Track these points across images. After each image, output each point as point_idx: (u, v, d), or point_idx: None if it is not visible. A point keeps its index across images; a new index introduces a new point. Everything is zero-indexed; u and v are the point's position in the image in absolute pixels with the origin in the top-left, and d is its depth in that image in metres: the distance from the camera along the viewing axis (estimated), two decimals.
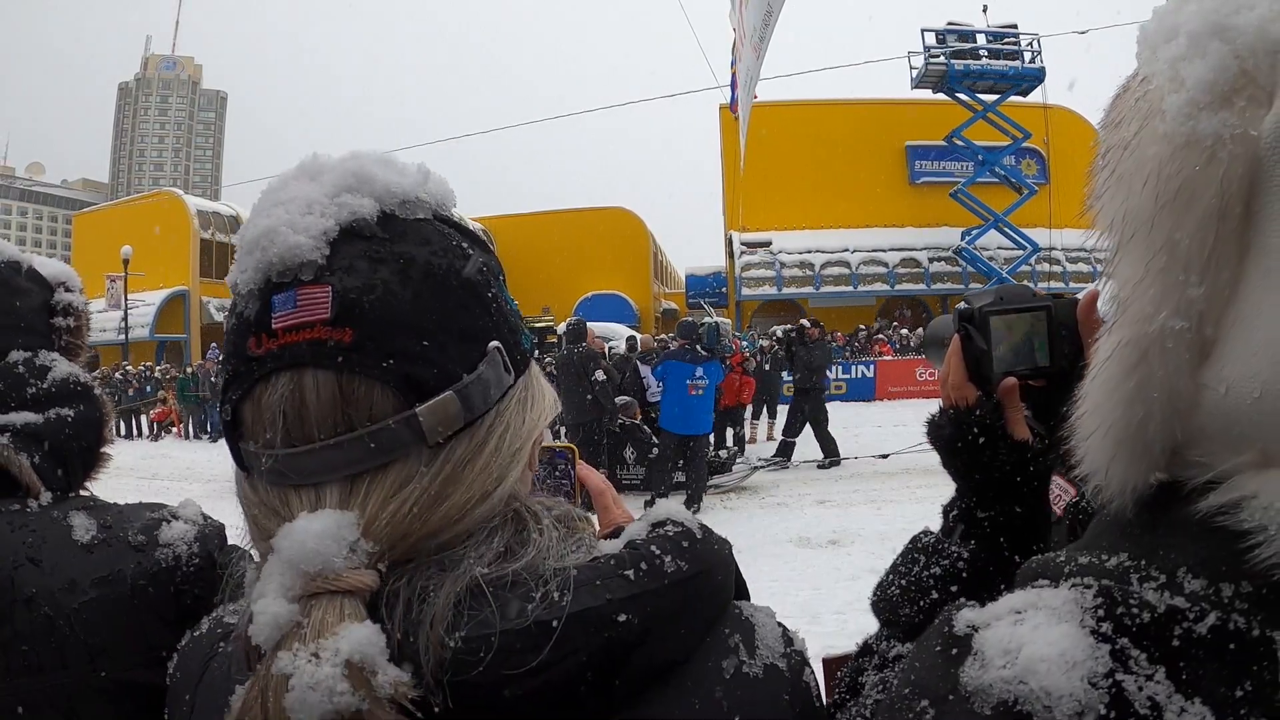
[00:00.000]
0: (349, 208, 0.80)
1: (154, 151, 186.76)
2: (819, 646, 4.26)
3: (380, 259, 0.79)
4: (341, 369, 0.75)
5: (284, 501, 0.78)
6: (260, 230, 0.80)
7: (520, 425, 0.85)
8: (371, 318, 0.76)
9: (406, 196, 0.84)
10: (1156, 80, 0.62)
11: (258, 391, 0.78)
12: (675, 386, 11.61)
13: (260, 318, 0.78)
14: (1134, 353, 0.62)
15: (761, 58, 9.50)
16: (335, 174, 0.83)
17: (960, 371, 1.15)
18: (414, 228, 0.83)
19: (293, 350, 0.76)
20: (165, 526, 1.22)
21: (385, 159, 0.88)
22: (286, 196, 0.82)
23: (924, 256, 35.42)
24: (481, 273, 0.85)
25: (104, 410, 1.38)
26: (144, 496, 6.31)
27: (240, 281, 0.80)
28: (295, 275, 0.77)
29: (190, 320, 43.19)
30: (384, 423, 0.76)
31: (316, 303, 0.76)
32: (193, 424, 25.49)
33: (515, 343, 0.87)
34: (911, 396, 25.06)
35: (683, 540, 0.82)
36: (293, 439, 0.76)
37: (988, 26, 34.11)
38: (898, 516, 10.45)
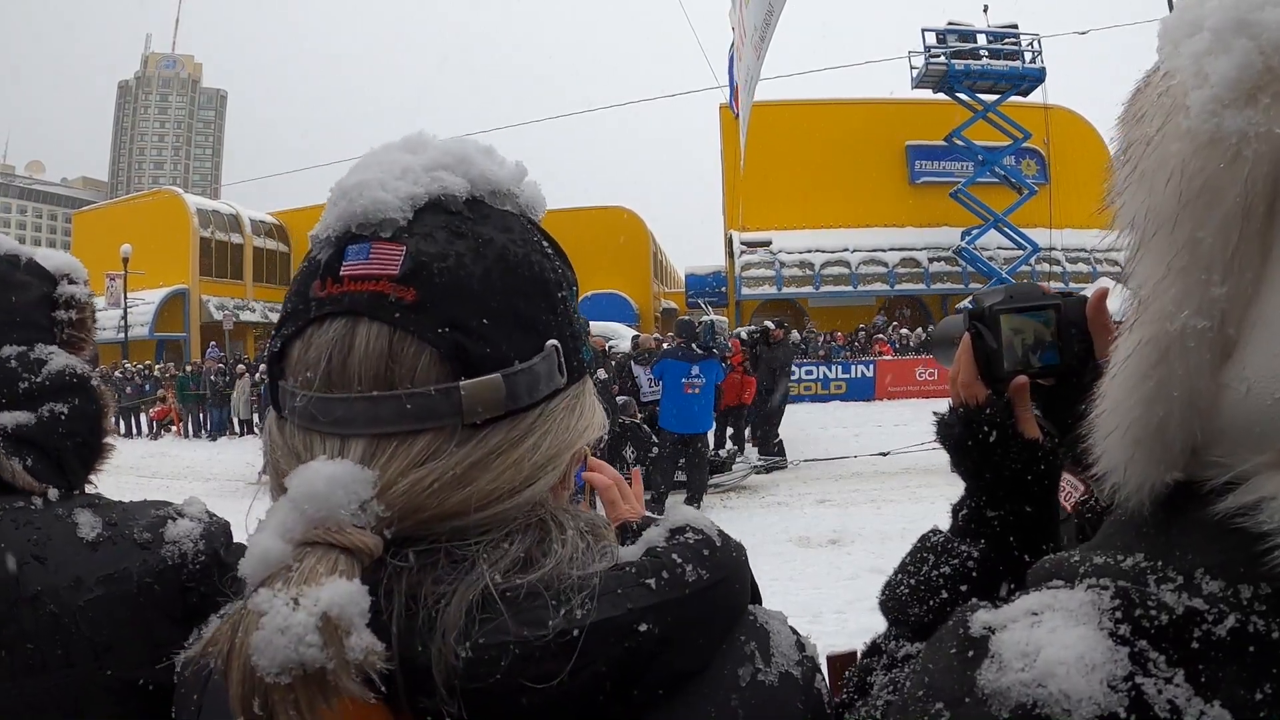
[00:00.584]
0: (441, 182, 0.82)
1: (154, 150, 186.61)
2: (820, 646, 4.26)
3: (460, 233, 0.80)
4: (396, 325, 0.75)
5: (307, 446, 0.78)
6: (352, 182, 0.82)
7: (564, 432, 0.83)
8: (438, 283, 0.77)
9: (499, 187, 0.86)
10: (1179, 76, 0.61)
11: (310, 331, 0.79)
12: (672, 385, 11.63)
13: (331, 263, 0.79)
14: (1154, 352, 0.62)
15: (762, 57, 9.49)
16: (436, 150, 0.85)
17: (970, 370, 1.15)
18: (499, 216, 0.85)
19: (354, 298, 0.77)
20: (171, 524, 1.21)
21: (488, 148, 0.89)
22: (386, 159, 0.84)
23: (924, 256, 35.41)
24: (556, 272, 0.86)
25: (101, 402, 1.36)
26: (144, 495, 6.33)
27: (321, 228, 0.84)
28: (375, 230, 0.79)
29: (190, 319, 43.19)
30: (425, 388, 0.75)
31: (389, 258, 0.77)
32: (192, 423, 25.44)
33: (575, 349, 0.86)
34: (911, 396, 25.05)
35: (703, 548, 0.81)
36: (332, 383, 0.77)
37: (988, 26, 34.10)
38: (898, 516, 10.49)
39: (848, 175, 36.52)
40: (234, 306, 43.57)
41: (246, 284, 46.54)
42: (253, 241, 47.38)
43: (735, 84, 17.81)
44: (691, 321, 13.30)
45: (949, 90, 33.71)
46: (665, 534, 0.84)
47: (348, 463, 0.74)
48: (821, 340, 28.37)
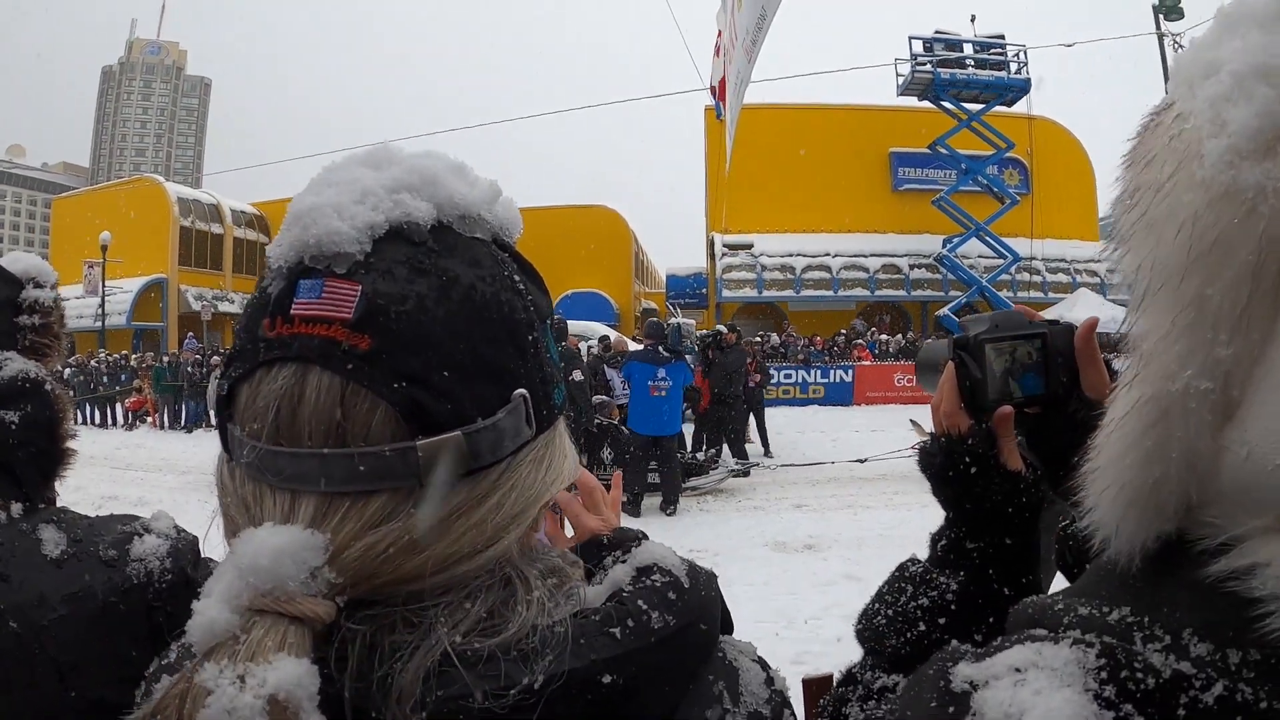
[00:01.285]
0: (404, 207, 0.76)
1: (136, 137, 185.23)
2: (794, 652, 4.30)
3: (422, 269, 0.74)
4: (349, 376, 0.70)
5: (257, 499, 0.72)
6: (306, 206, 0.75)
7: (529, 486, 0.77)
8: (395, 330, 0.71)
9: (468, 211, 0.80)
10: (1194, 120, 0.58)
11: (258, 376, 0.73)
12: (638, 387, 11.63)
13: (281, 299, 0.73)
14: (1154, 411, 0.60)
15: (753, 61, 9.49)
16: (400, 168, 0.79)
17: (953, 399, 1.13)
18: (467, 246, 0.78)
19: (304, 342, 0.71)
20: (137, 541, 1.19)
21: (459, 166, 0.84)
22: (343, 178, 0.78)
23: (905, 263, 35.58)
24: (528, 311, 0.80)
25: (56, 407, 1.32)
26: (118, 487, 6.33)
27: (274, 255, 0.77)
28: (329, 264, 0.73)
29: (168, 308, 42.93)
30: (378, 447, 0.69)
31: (342, 299, 0.71)
32: (168, 414, 25.24)
33: (546, 395, 0.80)
34: (889, 402, 25.20)
35: (669, 592, 0.78)
36: (280, 436, 0.71)
37: (975, 36, 34.26)
38: (874, 522, 10.54)
39: (831, 180, 36.64)
40: (212, 297, 43.34)
41: (226, 274, 46.28)
42: (233, 232, 47.15)
43: (714, 84, 17.82)
44: (661, 323, 13.31)
45: (934, 98, 33.85)
46: (631, 574, 0.81)
47: (295, 530, 0.69)
48: (801, 344, 28.43)
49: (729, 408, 15.30)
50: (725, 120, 15.91)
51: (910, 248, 35.69)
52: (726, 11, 12.14)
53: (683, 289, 42.95)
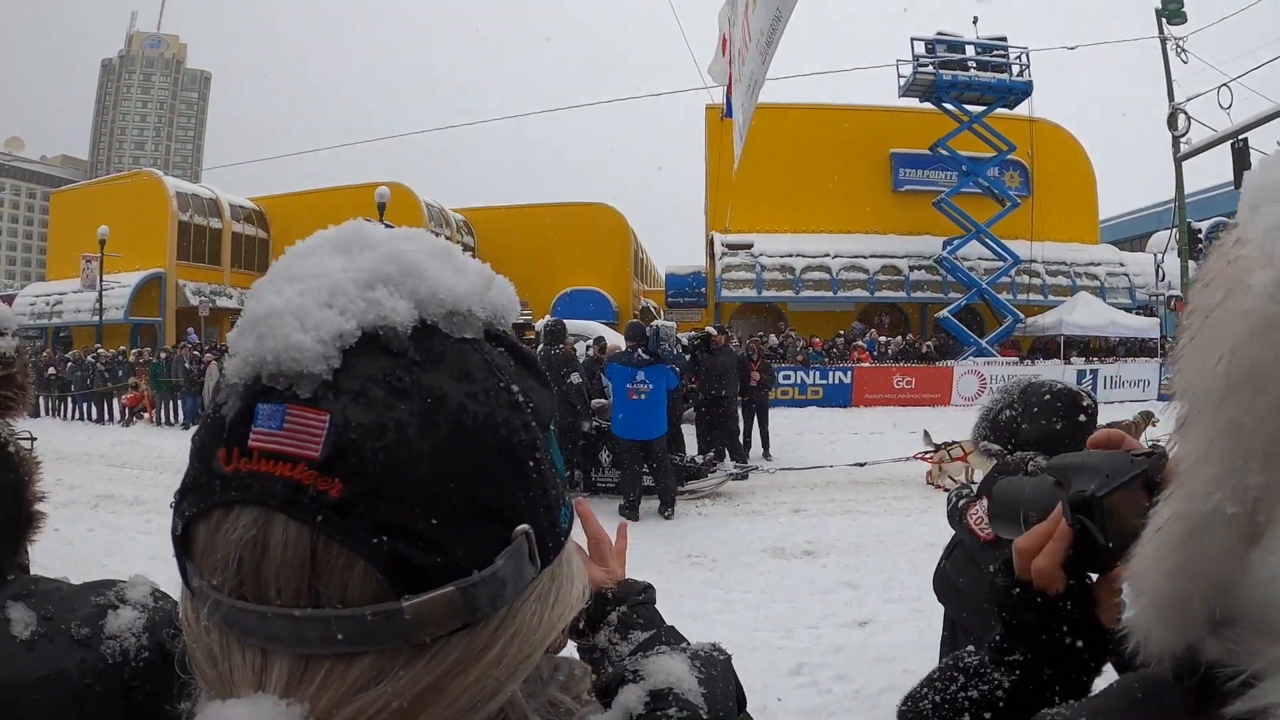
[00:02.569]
0: (379, 308, 0.65)
1: (135, 130, 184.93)
2: (794, 663, 4.25)
3: (402, 390, 0.62)
4: (319, 529, 0.59)
5: (225, 652, 0.63)
6: (262, 311, 0.64)
7: (535, 629, 0.67)
8: (371, 472, 0.60)
9: (457, 307, 0.68)
10: (1249, 247, 0.59)
11: (215, 518, 0.62)
12: (618, 391, 11.59)
13: (237, 425, 0.62)
14: (1184, 529, 0.62)
15: (767, 62, 9.43)
16: (375, 256, 0.68)
17: (1055, 559, 1.02)
18: (455, 352, 0.67)
19: (265, 484, 0.60)
20: (111, 615, 1.11)
21: (445, 249, 0.72)
22: (308, 271, 0.67)
23: (905, 264, 35.58)
24: (529, 429, 0.68)
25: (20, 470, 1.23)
26: (114, 485, 6.26)
27: (228, 366, 0.65)
28: (290, 385, 0.62)
29: (166, 303, 42.84)
30: (358, 610, 0.60)
31: (307, 432, 0.60)
32: (165, 410, 25.20)
33: (551, 524, 0.69)
34: (888, 404, 25.28)
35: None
36: (245, 590, 0.61)
37: (977, 38, 34.23)
38: (872, 528, 10.54)
39: (831, 181, 36.60)
40: (210, 292, 43.21)
41: (224, 270, 46.19)
42: (232, 227, 47.03)
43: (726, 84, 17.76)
44: (640, 325, 13.21)
45: (936, 100, 33.83)
46: (644, 700, 0.74)
47: (268, 704, 0.59)
48: (800, 345, 28.42)
49: (720, 410, 15.27)
50: (734, 120, 15.78)
51: (910, 249, 35.68)
52: (737, 10, 12.06)
53: (682, 288, 42.93)
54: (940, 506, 4.29)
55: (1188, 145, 31.08)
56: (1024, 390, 3.87)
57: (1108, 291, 35.46)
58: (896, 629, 6.88)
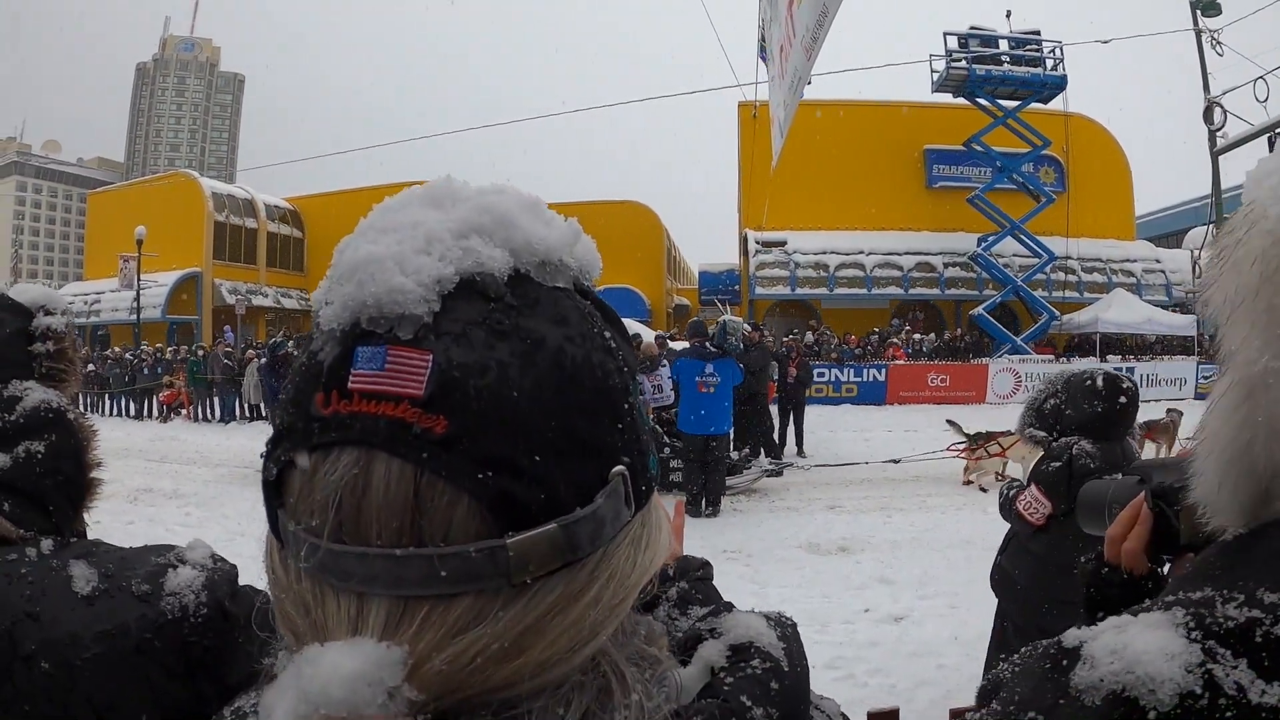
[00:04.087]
0: (476, 255, 0.65)
1: (170, 132, 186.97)
2: (829, 656, 4.25)
3: (502, 331, 0.62)
4: (424, 466, 0.59)
5: (318, 600, 0.62)
6: (360, 258, 0.64)
7: (629, 572, 0.67)
8: (476, 409, 0.59)
9: (549, 256, 0.69)
10: (1260, 198, 0.79)
11: (312, 461, 0.62)
12: (687, 385, 11.53)
13: (336, 369, 0.62)
14: (1242, 389, 0.78)
15: (813, 59, 9.37)
16: (468, 207, 0.68)
17: (1141, 543, 1.18)
18: (550, 298, 0.67)
19: (367, 424, 0.60)
20: (171, 573, 1.13)
21: (533, 203, 0.72)
22: (403, 220, 0.67)
23: (939, 261, 35.33)
24: (621, 373, 0.69)
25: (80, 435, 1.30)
26: (152, 479, 6.36)
27: (324, 314, 0.65)
28: (391, 328, 0.61)
29: (203, 302, 43.34)
30: (462, 548, 0.59)
31: (410, 372, 0.60)
32: (203, 407, 25.49)
33: (643, 467, 0.69)
34: (922, 401, 25.13)
35: (771, 681, 0.72)
36: (343, 532, 0.60)
37: (1010, 32, 33.94)
38: (907, 525, 10.51)
39: (865, 177, 36.42)
40: (246, 291, 43.66)
41: (260, 269, 46.64)
42: (267, 226, 47.47)
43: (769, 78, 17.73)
44: (702, 321, 13.23)
45: (969, 95, 33.58)
46: (726, 653, 0.75)
47: (369, 646, 0.58)
48: (834, 343, 28.32)
49: (754, 406, 15.25)
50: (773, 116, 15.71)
51: (944, 246, 35.43)
52: (779, 7, 12.02)
53: (715, 285, 42.88)
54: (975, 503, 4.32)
55: (1224, 139, 30.64)
56: (1067, 380, 4.05)
57: (1144, 288, 35.08)
58: (931, 624, 6.86)
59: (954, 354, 29.35)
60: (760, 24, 15.80)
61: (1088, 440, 3.82)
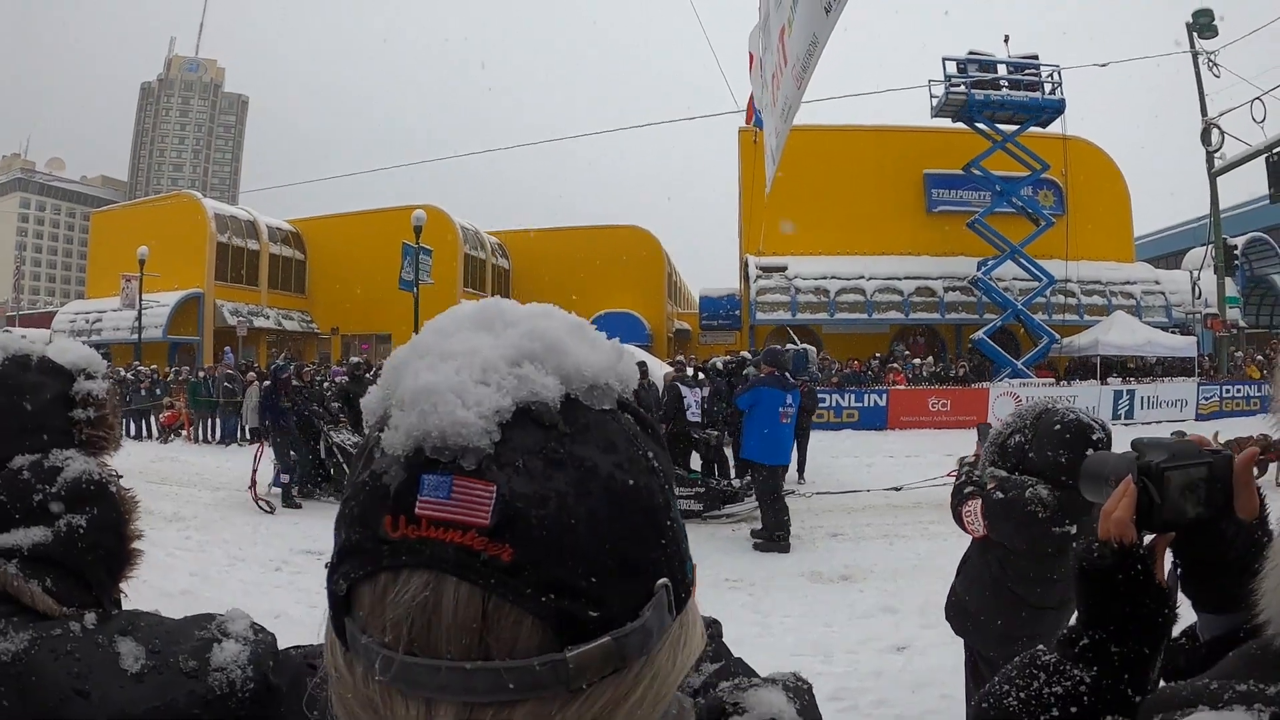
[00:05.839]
0: (530, 385, 0.68)
1: (174, 152, 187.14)
2: (832, 687, 4.25)
3: (558, 460, 0.66)
4: (491, 590, 0.63)
5: (387, 703, 0.67)
6: (422, 387, 0.67)
7: (670, 671, 0.72)
8: (538, 537, 0.63)
9: (596, 380, 0.72)
10: None
11: (383, 581, 0.66)
12: (767, 415, 11.36)
13: (403, 494, 0.65)
14: None
15: (803, 88, 9.40)
16: (519, 333, 0.72)
17: (1128, 514, 1.25)
18: (599, 423, 0.71)
19: (437, 550, 0.63)
20: (216, 648, 1.14)
21: (578, 325, 0.76)
22: (459, 348, 0.71)
23: (939, 285, 35.43)
24: (664, 491, 0.73)
25: (123, 508, 1.31)
26: (152, 501, 6.33)
27: (387, 438, 0.68)
28: (455, 458, 0.65)
29: (204, 323, 43.32)
30: (527, 662, 0.63)
31: (476, 502, 0.63)
32: (203, 428, 25.46)
33: (683, 576, 0.74)
34: (924, 426, 25.08)
35: None
36: (415, 646, 0.64)
37: (1009, 57, 34.15)
38: (910, 553, 10.48)
39: (865, 202, 36.59)
40: (248, 312, 43.72)
41: (262, 290, 46.65)
42: (269, 248, 47.52)
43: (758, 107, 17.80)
44: (780, 350, 13.19)
45: (968, 120, 33.78)
46: None
47: None
48: (836, 368, 28.32)
49: None
50: (766, 143, 15.79)
51: (945, 270, 35.55)
52: (771, 35, 12.09)
53: (716, 310, 43.03)
54: None
55: (1222, 160, 30.88)
56: (1037, 417, 3.81)
57: (1144, 310, 35.15)
58: (935, 654, 6.83)
59: (955, 379, 29.37)
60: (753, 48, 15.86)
61: (1045, 486, 3.61)
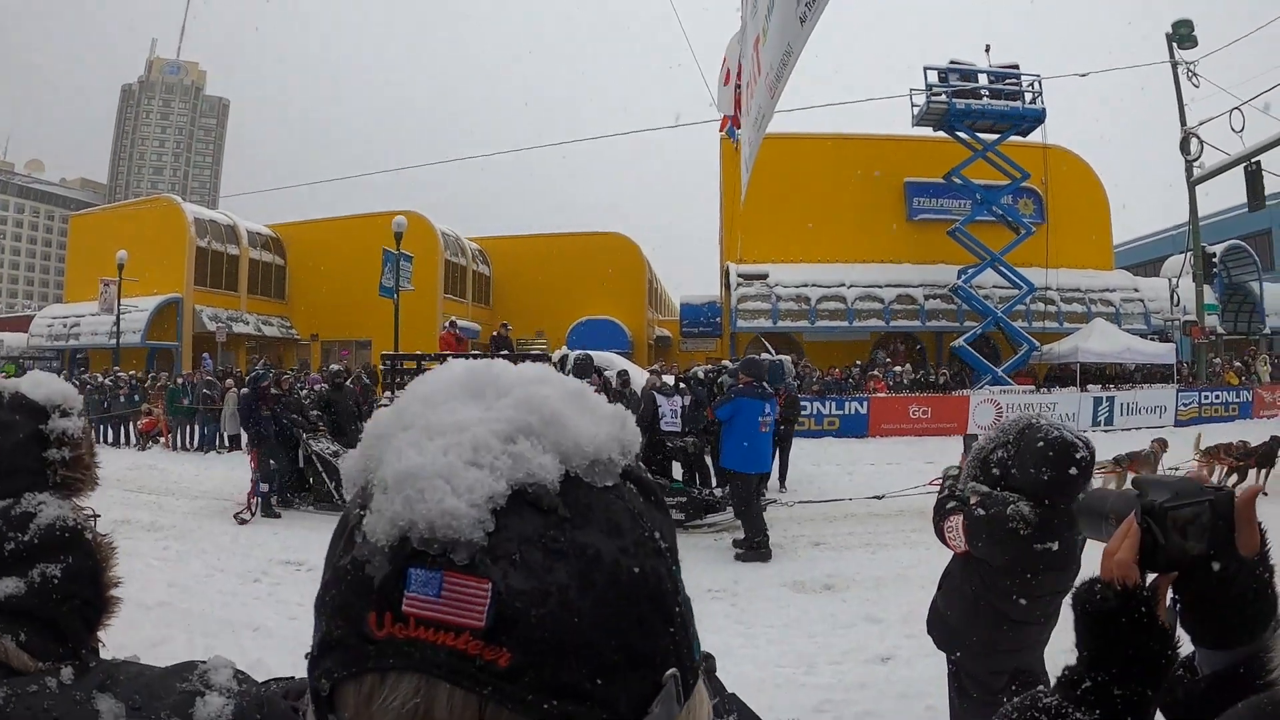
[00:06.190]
0: (527, 465, 0.63)
1: (154, 155, 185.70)
2: (817, 700, 4.24)
3: (558, 550, 0.61)
4: (488, 698, 0.58)
5: None
6: (407, 470, 0.62)
7: None
8: (538, 638, 0.58)
9: (599, 455, 0.66)
10: None
11: (369, 684, 0.61)
12: (747, 424, 11.38)
13: (388, 589, 0.60)
14: None
15: (776, 97, 9.40)
16: (512, 402, 0.66)
17: (1132, 554, 1.23)
18: (602, 503, 0.65)
19: (427, 653, 0.59)
20: (200, 703, 1.08)
21: (577, 391, 0.70)
22: (447, 422, 0.65)
23: (920, 293, 35.52)
24: (671, 574, 0.67)
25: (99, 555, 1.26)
26: (130, 510, 6.30)
27: (370, 523, 0.62)
28: (445, 551, 0.60)
29: (183, 328, 42.96)
30: None
31: (470, 601, 0.58)
32: (181, 435, 25.24)
33: (691, 662, 0.68)
34: (904, 434, 25.16)
35: None
36: None
37: (990, 66, 34.32)
38: (893, 561, 10.48)
39: (846, 210, 36.67)
40: (227, 318, 43.42)
41: (241, 295, 46.34)
42: (249, 253, 47.22)
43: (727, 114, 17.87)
44: (758, 359, 13.24)
45: (949, 129, 33.91)
46: None
47: None
48: (817, 376, 28.38)
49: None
50: (741, 152, 15.84)
51: (925, 278, 35.65)
52: (747, 44, 12.11)
53: (697, 318, 43.11)
54: None
55: (1200, 169, 31.20)
56: (1020, 432, 3.67)
57: (1123, 318, 35.39)
58: (919, 664, 6.83)
59: (935, 386, 29.48)
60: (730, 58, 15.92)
61: (1027, 503, 3.52)
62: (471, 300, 46.94)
